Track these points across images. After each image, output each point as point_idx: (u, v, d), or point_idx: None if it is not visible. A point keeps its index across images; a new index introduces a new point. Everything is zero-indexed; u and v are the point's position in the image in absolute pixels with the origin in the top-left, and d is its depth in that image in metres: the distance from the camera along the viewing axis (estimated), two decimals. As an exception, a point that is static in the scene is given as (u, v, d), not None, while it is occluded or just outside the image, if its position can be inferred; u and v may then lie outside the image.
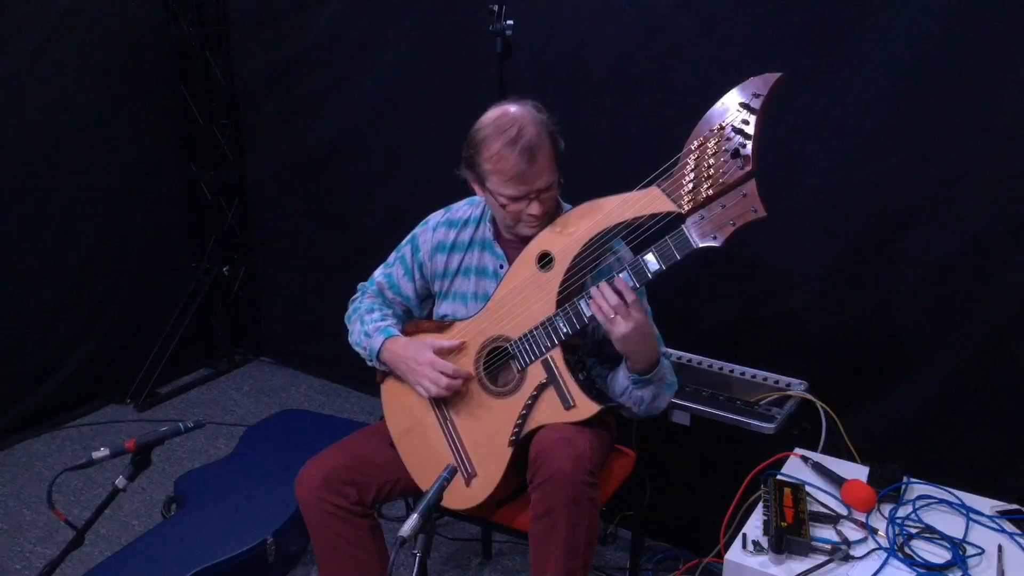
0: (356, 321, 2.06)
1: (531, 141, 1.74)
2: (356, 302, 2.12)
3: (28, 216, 3.26)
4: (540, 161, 1.76)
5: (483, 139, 1.79)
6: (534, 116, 1.79)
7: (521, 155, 1.74)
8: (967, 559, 1.68)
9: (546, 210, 1.84)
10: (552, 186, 1.81)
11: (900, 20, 2.20)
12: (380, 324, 2.01)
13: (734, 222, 1.59)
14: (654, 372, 1.81)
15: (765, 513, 1.81)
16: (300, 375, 3.89)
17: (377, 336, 1.99)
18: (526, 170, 1.75)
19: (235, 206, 3.92)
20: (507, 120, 1.77)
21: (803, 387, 2.39)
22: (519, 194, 1.79)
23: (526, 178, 1.76)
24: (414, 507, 1.49)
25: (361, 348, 2.03)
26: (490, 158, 1.77)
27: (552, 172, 1.80)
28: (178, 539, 2.46)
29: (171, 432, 1.87)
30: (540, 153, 1.76)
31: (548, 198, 1.82)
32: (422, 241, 2.05)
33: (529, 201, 1.81)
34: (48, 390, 3.41)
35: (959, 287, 2.27)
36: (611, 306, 1.69)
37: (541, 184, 1.78)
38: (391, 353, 1.96)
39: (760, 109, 1.57)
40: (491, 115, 1.82)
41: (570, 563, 1.74)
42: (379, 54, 3.23)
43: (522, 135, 1.75)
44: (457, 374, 1.88)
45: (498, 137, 1.76)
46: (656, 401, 1.87)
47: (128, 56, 3.49)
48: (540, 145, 1.76)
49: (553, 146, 1.80)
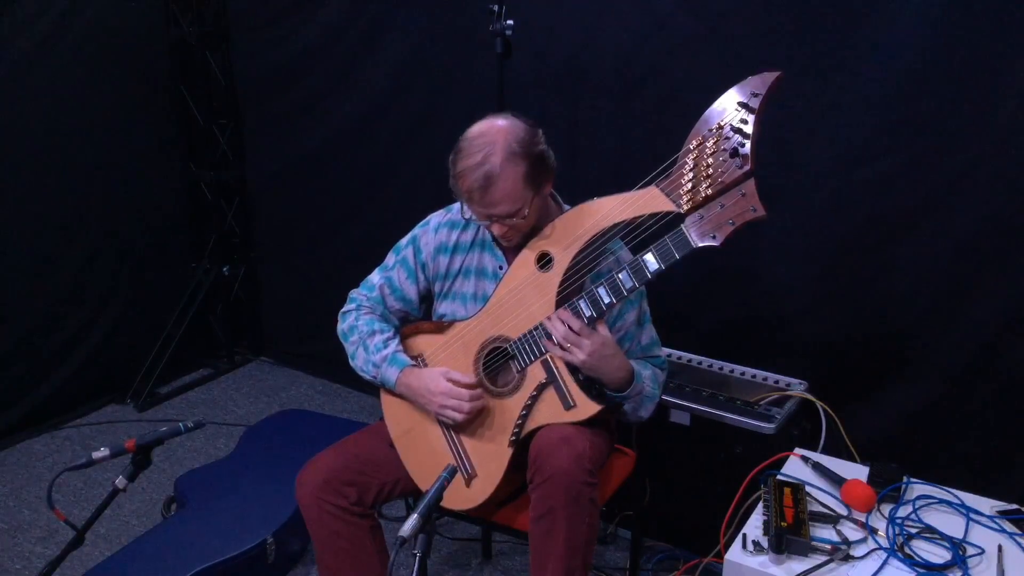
0: (358, 346, 2.02)
1: (491, 171, 1.73)
2: (351, 318, 2.07)
3: (28, 216, 3.26)
4: (499, 190, 1.74)
5: (456, 152, 1.80)
6: (513, 138, 1.76)
7: (477, 181, 1.74)
8: (967, 559, 1.68)
9: (508, 233, 1.84)
10: (515, 214, 1.78)
11: (900, 20, 2.20)
12: (386, 352, 1.98)
13: (733, 221, 1.59)
14: (630, 388, 1.86)
15: (765, 513, 1.81)
16: (300, 375, 3.89)
17: (388, 368, 1.97)
18: (481, 196, 1.76)
19: (235, 206, 3.92)
20: (481, 141, 1.76)
21: (803, 387, 2.39)
22: (477, 214, 1.83)
23: (482, 203, 1.78)
24: (414, 507, 1.49)
25: (369, 376, 2.01)
26: (456, 174, 1.79)
27: (515, 201, 1.77)
28: (178, 539, 2.46)
29: (171, 432, 1.87)
30: (499, 182, 1.74)
31: (511, 223, 1.81)
32: (423, 243, 2.05)
33: (491, 222, 1.83)
34: (48, 390, 3.41)
35: (958, 287, 2.27)
36: (561, 336, 1.76)
37: (498, 211, 1.78)
38: (406, 387, 1.96)
39: (758, 108, 1.57)
40: (474, 130, 1.81)
41: (570, 563, 1.74)
42: (379, 54, 3.23)
43: (485, 163, 1.73)
44: (475, 396, 1.88)
45: (465, 158, 1.76)
46: (638, 411, 1.93)
47: (128, 56, 3.49)
48: (500, 175, 1.73)
49: (529, 170, 1.76)
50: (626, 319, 1.93)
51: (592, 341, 1.76)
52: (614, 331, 1.88)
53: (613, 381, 1.84)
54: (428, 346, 2.00)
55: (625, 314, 1.92)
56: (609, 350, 1.79)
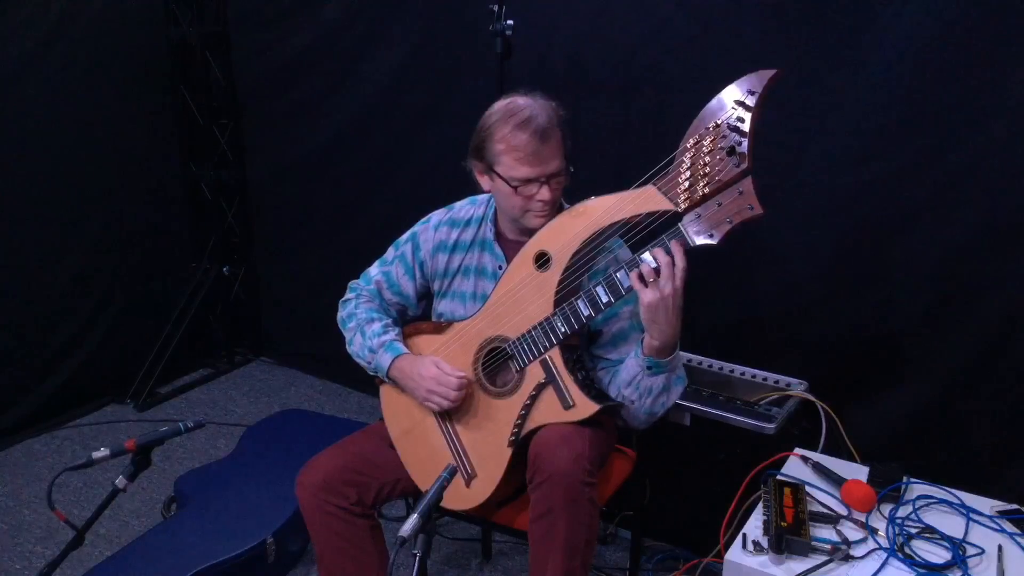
0: (356, 332, 2.03)
1: (543, 123, 1.78)
2: (350, 305, 2.09)
3: (28, 216, 3.26)
4: (552, 143, 1.79)
5: (494, 123, 1.81)
6: (544, 103, 1.83)
7: (533, 135, 1.76)
8: (967, 559, 1.68)
9: (554, 198, 1.85)
10: (562, 172, 1.83)
11: (901, 20, 2.20)
12: (384, 339, 1.99)
13: (731, 220, 1.59)
14: (670, 358, 1.76)
15: (765, 513, 1.80)
16: (300, 375, 3.89)
17: (384, 354, 1.97)
18: (539, 149, 1.77)
19: (235, 206, 3.92)
20: (517, 106, 1.81)
21: (803, 387, 2.38)
22: (531, 175, 1.80)
23: (538, 158, 1.78)
24: (414, 507, 1.49)
25: (364, 362, 2.02)
26: (502, 138, 1.79)
27: (562, 158, 1.82)
28: (178, 539, 2.46)
29: (171, 432, 1.87)
30: (552, 135, 1.79)
31: (557, 185, 1.83)
32: (423, 240, 2.05)
33: (540, 185, 1.81)
34: (48, 390, 3.41)
35: (959, 287, 2.27)
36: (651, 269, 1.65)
37: (552, 168, 1.80)
38: (398, 371, 1.96)
39: (756, 106, 1.57)
40: (501, 104, 1.84)
41: (570, 563, 1.73)
42: (379, 54, 3.24)
43: (534, 118, 1.78)
44: (462, 384, 1.88)
45: (509, 120, 1.79)
46: (664, 395, 1.81)
47: (128, 56, 3.49)
48: (551, 128, 1.79)
49: (565, 134, 1.83)
50: (620, 312, 1.89)
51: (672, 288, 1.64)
52: (617, 319, 1.87)
53: (661, 336, 1.71)
54: (427, 346, 2.00)
55: (619, 308, 1.87)
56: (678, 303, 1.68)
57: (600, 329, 1.91)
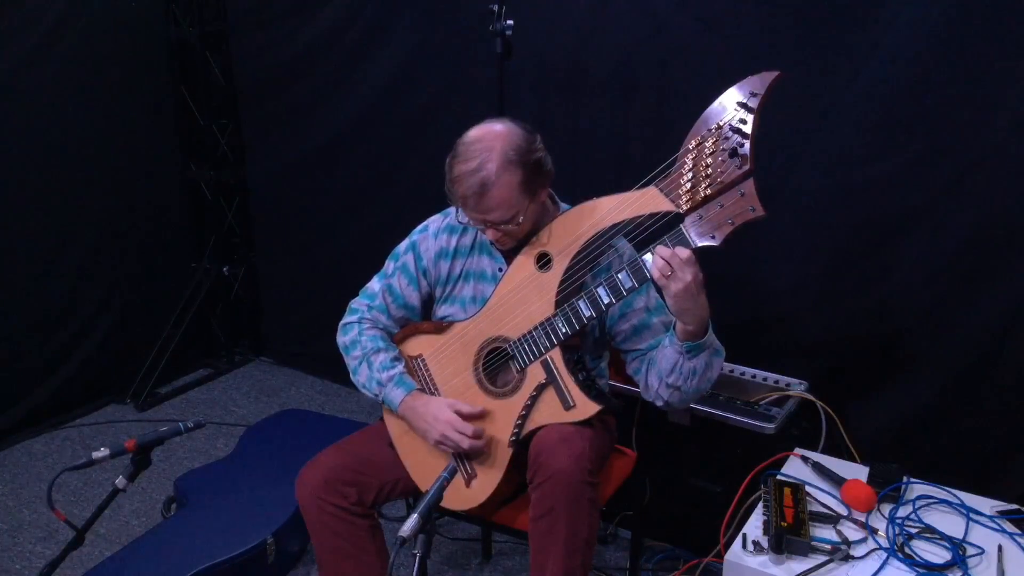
0: (362, 362, 2.00)
1: (486, 177, 1.72)
2: (353, 332, 2.05)
3: (28, 216, 3.26)
4: (493, 197, 1.74)
5: (452, 157, 1.79)
6: (509, 144, 1.75)
7: (472, 187, 1.74)
8: (967, 559, 1.68)
9: (503, 237, 1.84)
10: (510, 220, 1.78)
11: (900, 20, 2.20)
12: (392, 373, 1.97)
13: (732, 221, 1.59)
14: (706, 337, 1.76)
15: (765, 513, 1.81)
16: (300, 375, 3.89)
17: (394, 389, 1.95)
18: (476, 203, 1.76)
19: (235, 206, 3.92)
20: (477, 147, 1.75)
21: (803, 387, 2.38)
22: (471, 219, 1.83)
23: (477, 208, 1.77)
24: (414, 507, 1.49)
25: (371, 394, 2.00)
26: (451, 179, 1.78)
27: (509, 208, 1.76)
28: (178, 539, 2.46)
29: (171, 432, 1.88)
30: (494, 190, 1.73)
31: (505, 229, 1.81)
32: (424, 249, 2.03)
33: (485, 226, 1.82)
34: (48, 390, 3.41)
35: (958, 287, 2.27)
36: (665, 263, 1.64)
37: (492, 218, 1.78)
38: (410, 409, 1.94)
39: (758, 108, 1.57)
40: (472, 134, 1.79)
41: (570, 563, 1.73)
42: (379, 54, 3.23)
43: (480, 169, 1.73)
44: (478, 433, 1.85)
45: (461, 163, 1.76)
46: (708, 371, 1.79)
47: (128, 56, 3.49)
48: (496, 182, 1.73)
49: (525, 178, 1.76)
50: (635, 306, 1.90)
51: (689, 275, 1.63)
52: (633, 314, 1.87)
53: (694, 320, 1.71)
54: (427, 346, 2.00)
55: (632, 302, 1.88)
56: (698, 287, 1.67)
57: (618, 329, 1.90)
